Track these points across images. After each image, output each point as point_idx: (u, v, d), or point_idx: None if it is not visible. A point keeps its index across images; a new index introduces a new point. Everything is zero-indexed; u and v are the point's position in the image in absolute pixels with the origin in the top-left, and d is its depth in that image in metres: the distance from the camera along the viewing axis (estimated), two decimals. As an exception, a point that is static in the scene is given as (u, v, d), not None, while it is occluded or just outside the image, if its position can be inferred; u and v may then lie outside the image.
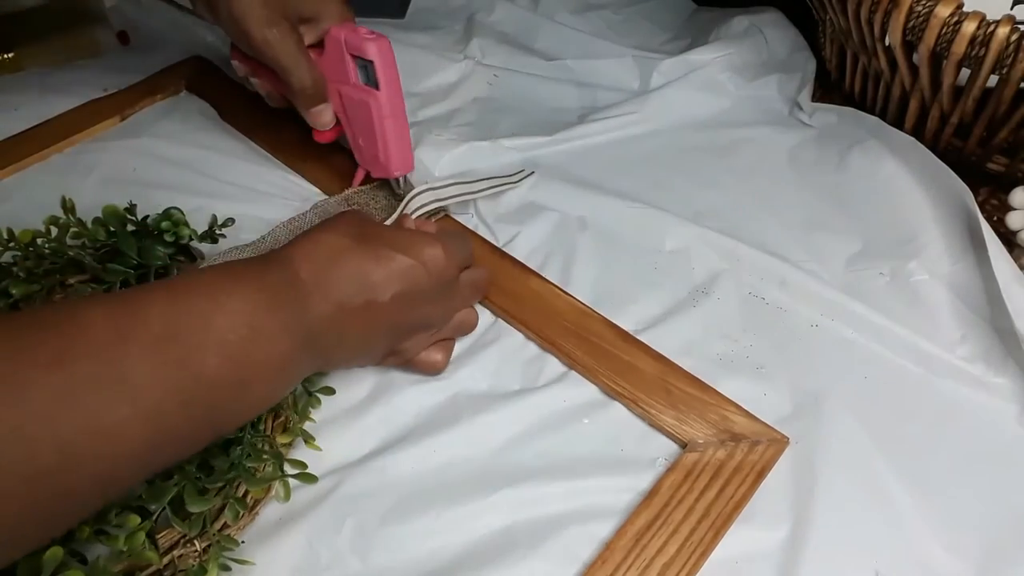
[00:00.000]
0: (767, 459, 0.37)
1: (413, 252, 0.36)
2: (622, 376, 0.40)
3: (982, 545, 0.35)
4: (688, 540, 0.34)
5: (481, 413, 0.40)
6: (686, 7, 0.72)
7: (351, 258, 0.34)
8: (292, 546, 0.35)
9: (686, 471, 0.36)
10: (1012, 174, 0.52)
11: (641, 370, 0.41)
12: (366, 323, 0.35)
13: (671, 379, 0.40)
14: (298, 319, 0.32)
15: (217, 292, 0.31)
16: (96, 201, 0.43)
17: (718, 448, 0.37)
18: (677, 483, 0.36)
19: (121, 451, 0.27)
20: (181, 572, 0.32)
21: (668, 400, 0.39)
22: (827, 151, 0.55)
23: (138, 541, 0.31)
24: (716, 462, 0.37)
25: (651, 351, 0.42)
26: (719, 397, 0.39)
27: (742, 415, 0.39)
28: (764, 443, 0.37)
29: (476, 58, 0.64)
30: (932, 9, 0.43)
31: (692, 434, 0.38)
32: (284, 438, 0.38)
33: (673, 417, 0.39)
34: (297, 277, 0.33)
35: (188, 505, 0.32)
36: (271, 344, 0.31)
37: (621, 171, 0.54)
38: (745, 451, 0.37)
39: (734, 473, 0.36)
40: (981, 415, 0.39)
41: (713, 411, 0.39)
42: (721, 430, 0.38)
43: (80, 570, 0.29)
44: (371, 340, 0.37)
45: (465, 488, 0.37)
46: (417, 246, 0.36)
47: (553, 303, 0.44)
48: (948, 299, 0.44)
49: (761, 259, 0.47)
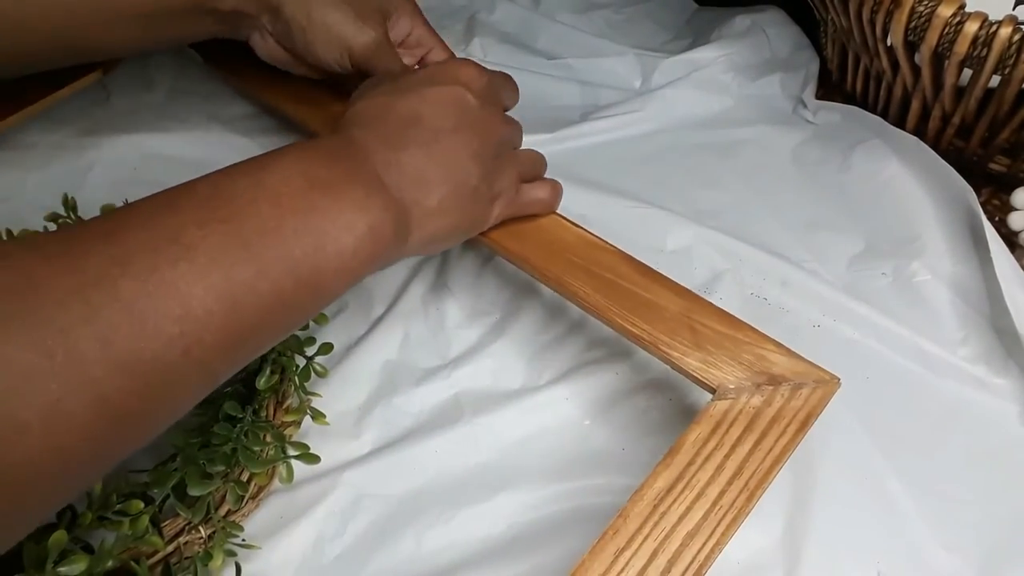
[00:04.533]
0: (813, 404, 0.31)
1: (447, 77, 0.35)
2: (640, 315, 0.35)
3: (983, 545, 0.35)
4: (717, 505, 0.29)
5: (483, 413, 0.40)
6: (687, 6, 0.72)
7: (396, 106, 0.34)
8: (293, 546, 0.35)
9: (715, 423, 0.31)
10: (1014, 174, 0.52)
11: (662, 307, 0.36)
12: (441, 158, 0.33)
13: (697, 316, 0.35)
14: (361, 166, 0.31)
15: (263, 160, 0.29)
16: (96, 201, 0.43)
17: (753, 394, 0.32)
18: (704, 437, 0.31)
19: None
20: (187, 559, 0.33)
21: (694, 340, 0.34)
22: (830, 151, 0.55)
23: (142, 526, 0.31)
24: (751, 410, 0.31)
25: (674, 285, 0.37)
26: (755, 334, 0.34)
27: (782, 353, 0.34)
28: (809, 385, 0.32)
29: (478, 57, 0.64)
30: (934, 9, 0.43)
31: (722, 378, 0.33)
32: (291, 416, 0.38)
33: (699, 360, 0.34)
34: (351, 139, 0.32)
35: (190, 489, 0.32)
36: (333, 189, 0.29)
37: (623, 170, 0.54)
38: (786, 396, 0.32)
39: (772, 423, 0.31)
40: (982, 415, 0.39)
41: (747, 350, 0.34)
42: (757, 372, 0.33)
43: (84, 557, 0.29)
44: (456, 173, 0.34)
45: (467, 488, 0.37)
46: (451, 71, 0.36)
47: (559, 235, 0.40)
48: (950, 299, 0.44)
49: (763, 259, 0.47)
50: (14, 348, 0.21)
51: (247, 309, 0.26)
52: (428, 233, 0.34)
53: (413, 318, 0.44)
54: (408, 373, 0.42)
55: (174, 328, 0.24)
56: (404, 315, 0.45)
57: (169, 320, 0.24)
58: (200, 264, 0.25)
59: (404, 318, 0.44)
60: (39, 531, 0.31)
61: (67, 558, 0.29)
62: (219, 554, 0.33)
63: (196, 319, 0.25)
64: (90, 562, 0.29)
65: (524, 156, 0.40)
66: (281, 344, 0.38)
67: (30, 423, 0.21)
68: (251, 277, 0.26)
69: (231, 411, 0.35)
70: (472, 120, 0.35)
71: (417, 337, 0.44)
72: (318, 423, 0.39)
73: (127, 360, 0.23)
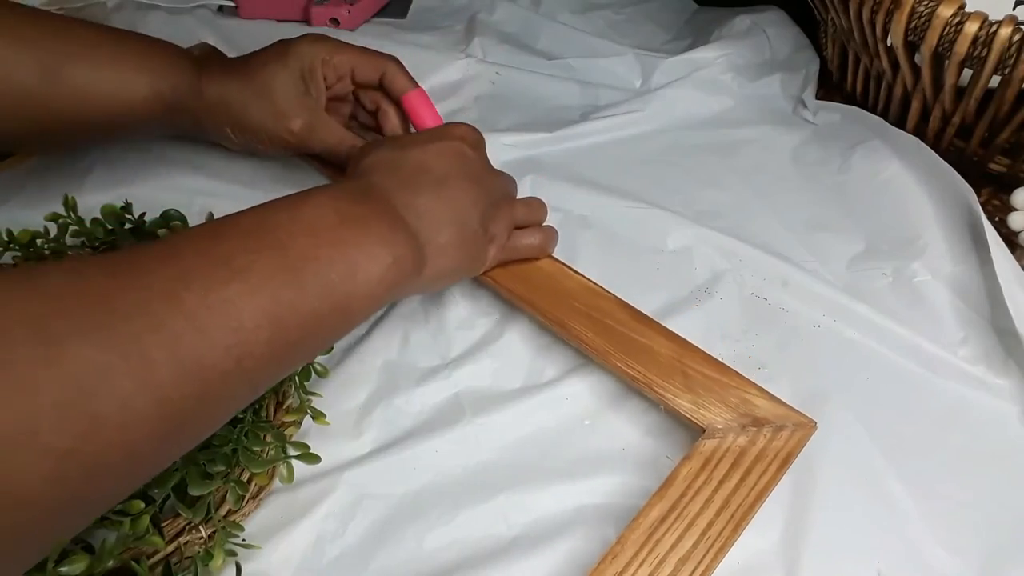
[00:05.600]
0: (792, 445, 0.34)
1: (447, 135, 0.40)
2: (635, 359, 0.39)
3: (983, 546, 0.35)
4: (705, 534, 0.32)
5: (483, 412, 0.40)
6: (687, 7, 0.72)
7: (406, 157, 0.38)
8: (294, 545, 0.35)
9: (704, 459, 0.34)
10: (1014, 175, 0.52)
11: (656, 352, 0.39)
12: (448, 202, 0.37)
13: (688, 361, 0.38)
14: (384, 206, 0.34)
15: (295, 199, 0.32)
16: (95, 201, 0.43)
17: (739, 434, 0.35)
18: (694, 472, 0.34)
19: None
20: (187, 559, 0.33)
21: (685, 383, 0.37)
22: (830, 151, 0.55)
23: (142, 525, 0.31)
24: (737, 449, 0.34)
25: (667, 332, 0.40)
26: (740, 379, 0.38)
27: (765, 398, 0.37)
28: (789, 428, 0.35)
29: (478, 57, 0.64)
30: (934, 9, 0.43)
31: (711, 419, 0.36)
32: (292, 416, 0.38)
33: (690, 401, 0.37)
34: (371, 183, 0.36)
35: (191, 489, 0.32)
36: (361, 224, 0.33)
37: (623, 170, 0.54)
38: (768, 437, 0.35)
39: (756, 461, 0.34)
40: (982, 416, 0.39)
41: (734, 394, 0.37)
42: (742, 414, 0.36)
43: (85, 556, 0.29)
44: (460, 215, 0.38)
45: (467, 488, 0.37)
46: (447, 130, 0.41)
47: (564, 283, 0.43)
48: (950, 300, 0.44)
49: (763, 259, 0.47)
50: (93, 349, 0.23)
51: (289, 327, 0.29)
52: (437, 268, 0.37)
53: (413, 318, 0.45)
54: (408, 373, 0.42)
55: (230, 339, 0.27)
56: (404, 316, 0.45)
57: (225, 332, 0.27)
58: (251, 284, 0.28)
59: (404, 319, 0.44)
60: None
61: (68, 558, 0.29)
62: (219, 554, 0.33)
63: (247, 332, 0.27)
64: (90, 562, 0.29)
65: (520, 204, 0.44)
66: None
67: (106, 417, 0.23)
68: (294, 298, 0.29)
69: (231, 411, 0.35)
70: (471, 170, 0.39)
71: (417, 337, 0.44)
72: (318, 423, 0.39)
73: (189, 366, 0.25)
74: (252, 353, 0.28)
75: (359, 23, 0.68)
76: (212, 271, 0.27)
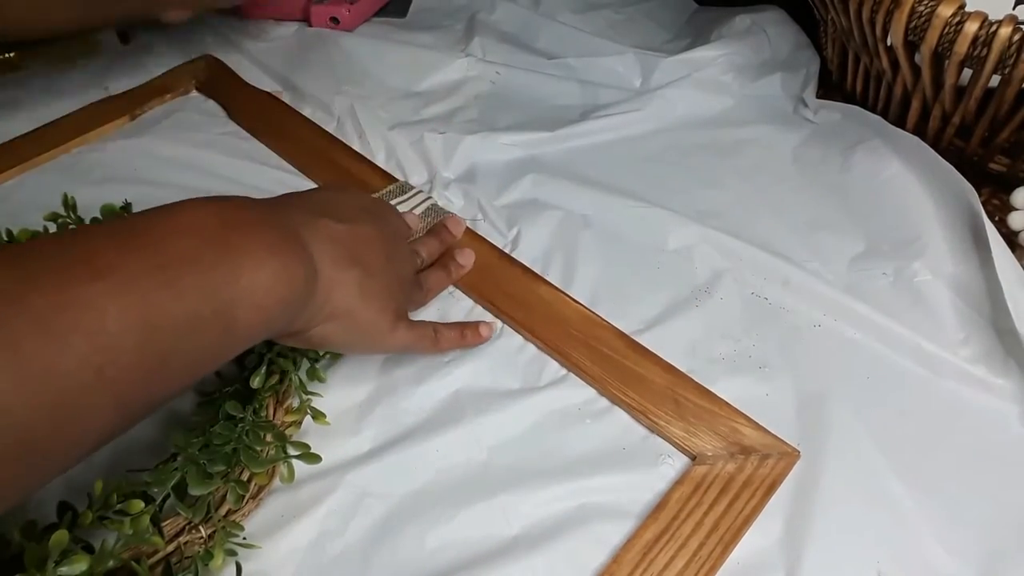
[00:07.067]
0: (777, 473, 0.36)
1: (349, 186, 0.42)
2: (630, 387, 0.40)
3: (984, 546, 0.35)
4: (696, 555, 0.33)
5: (484, 412, 0.40)
6: (687, 6, 0.72)
7: (312, 195, 0.38)
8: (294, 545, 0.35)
9: (695, 484, 0.36)
10: (1014, 174, 0.52)
11: (650, 380, 0.40)
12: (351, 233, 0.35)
13: (680, 390, 0.40)
14: (276, 218, 0.31)
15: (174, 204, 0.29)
16: (96, 201, 0.43)
17: (727, 461, 0.37)
18: (686, 496, 0.35)
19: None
20: (187, 558, 0.33)
21: (677, 412, 0.39)
22: (831, 150, 0.55)
23: (142, 525, 0.31)
24: (725, 475, 0.36)
25: (660, 361, 0.41)
26: (729, 409, 0.39)
27: (752, 428, 0.38)
28: (774, 457, 0.37)
29: (477, 56, 0.64)
30: (934, 9, 0.43)
31: (701, 447, 0.37)
32: (292, 415, 0.38)
33: (682, 429, 0.38)
34: (270, 200, 0.34)
35: (191, 488, 0.32)
36: (247, 229, 0.29)
37: (624, 169, 0.54)
38: (755, 465, 0.36)
39: (743, 487, 0.36)
40: (983, 416, 0.39)
41: (723, 423, 0.38)
42: (731, 443, 0.37)
43: (85, 556, 0.29)
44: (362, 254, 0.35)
45: (467, 488, 0.37)
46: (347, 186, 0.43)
47: (561, 310, 0.44)
48: (951, 300, 0.44)
49: (764, 259, 0.47)
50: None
51: (163, 333, 0.26)
52: (333, 302, 0.34)
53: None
54: (408, 372, 0.42)
55: (87, 344, 0.23)
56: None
57: (81, 335, 0.23)
58: (116, 283, 0.25)
59: (404, 318, 0.44)
60: (40, 531, 0.31)
61: (68, 558, 0.29)
62: (220, 553, 0.33)
63: (111, 336, 0.24)
64: (91, 562, 0.29)
65: (419, 245, 0.45)
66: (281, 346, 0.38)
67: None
68: (168, 300, 0.26)
69: (232, 411, 0.35)
70: (373, 212, 0.39)
71: (418, 337, 0.44)
72: (319, 423, 0.39)
73: (36, 374, 0.22)
74: (116, 361, 0.24)
75: (359, 22, 0.68)
76: (69, 269, 0.24)
